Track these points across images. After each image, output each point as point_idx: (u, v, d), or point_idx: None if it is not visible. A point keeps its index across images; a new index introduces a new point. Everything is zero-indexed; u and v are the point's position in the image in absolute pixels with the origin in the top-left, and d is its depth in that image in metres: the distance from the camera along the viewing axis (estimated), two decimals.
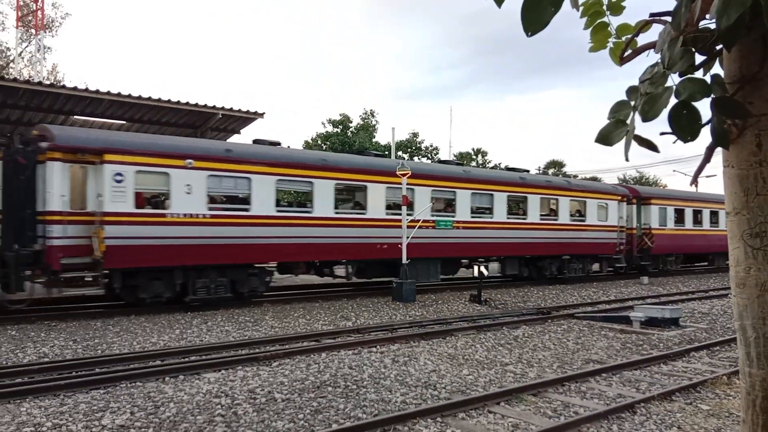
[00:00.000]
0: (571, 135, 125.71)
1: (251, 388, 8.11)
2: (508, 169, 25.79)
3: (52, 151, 13.14)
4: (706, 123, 1.96)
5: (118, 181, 13.61)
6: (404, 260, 17.45)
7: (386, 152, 36.40)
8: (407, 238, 17.56)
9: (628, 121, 1.97)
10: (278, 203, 16.65)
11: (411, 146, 44.20)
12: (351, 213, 18.15)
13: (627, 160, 2.01)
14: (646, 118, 1.91)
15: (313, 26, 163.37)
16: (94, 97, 17.78)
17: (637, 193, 28.43)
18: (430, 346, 11.34)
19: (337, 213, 17.46)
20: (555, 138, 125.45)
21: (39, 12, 37.53)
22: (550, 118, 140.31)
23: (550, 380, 8.72)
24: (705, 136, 2.03)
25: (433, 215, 19.62)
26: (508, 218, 21.97)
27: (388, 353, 10.54)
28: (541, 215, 23.35)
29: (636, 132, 1.98)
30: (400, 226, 17.96)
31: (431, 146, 45.20)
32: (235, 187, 15.63)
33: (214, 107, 19.76)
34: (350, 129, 41.63)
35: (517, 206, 22.69)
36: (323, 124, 42.99)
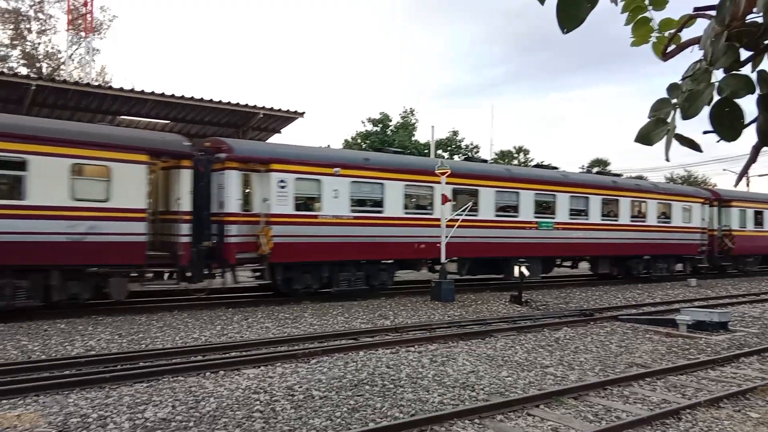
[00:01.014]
0: (615, 132, 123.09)
1: (289, 384, 8.19)
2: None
3: (230, 161, 15.17)
4: (752, 121, 1.87)
5: (282, 187, 15.61)
6: (443, 259, 17.36)
7: (426, 150, 36.32)
8: (446, 237, 17.47)
9: (669, 120, 1.90)
10: (405, 206, 18.34)
11: (451, 144, 43.99)
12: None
13: (667, 160, 1.94)
14: (686, 115, 1.83)
15: (354, 25, 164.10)
16: (139, 97, 18.27)
17: (718, 195, 29.23)
18: (469, 346, 11.26)
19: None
20: (599, 135, 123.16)
21: (88, 15, 38.74)
22: (594, 116, 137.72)
23: (591, 383, 8.55)
24: (752, 135, 1.95)
25: (535, 217, 21.11)
26: (602, 220, 23.43)
27: (426, 353, 10.50)
28: (631, 217, 24.65)
29: (678, 131, 1.90)
30: (507, 227, 20.30)
31: (471, 144, 44.91)
32: (371, 192, 17.61)
33: (255, 107, 20.05)
34: (390, 128, 41.66)
35: (609, 209, 24.07)
36: (363, 122, 43.17)
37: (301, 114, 21.30)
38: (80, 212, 13.00)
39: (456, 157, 42.75)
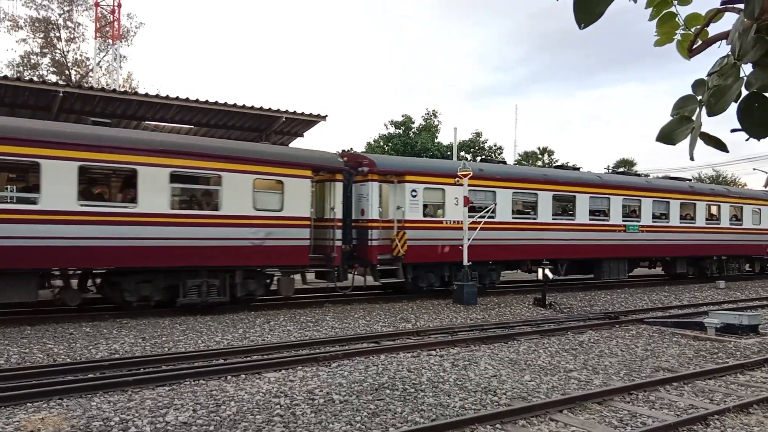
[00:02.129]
0: (642, 132, 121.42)
1: (310, 388, 8.16)
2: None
3: (372, 174, 17.21)
4: None
5: (414, 196, 17.60)
6: (465, 262, 17.23)
7: (449, 153, 36.16)
8: (468, 240, 17.35)
9: (694, 117, 1.81)
10: (513, 211, 19.95)
11: (474, 146, 43.71)
12: (564, 219, 21.25)
13: (692, 159, 1.85)
14: (712, 111, 1.74)
15: (377, 28, 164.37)
16: (164, 102, 18.43)
17: None
18: (491, 350, 11.14)
19: (555, 219, 20.74)
20: (625, 135, 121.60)
21: (116, 23, 39.34)
22: (620, 115, 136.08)
23: (616, 388, 8.38)
24: None
25: (623, 220, 22.69)
26: (680, 222, 24.94)
27: (448, 357, 10.41)
28: (706, 220, 26.14)
29: (703, 129, 1.82)
30: (599, 230, 21.94)
31: (495, 146, 44.59)
32: (484, 199, 19.09)
33: (278, 111, 20.11)
34: (412, 130, 41.56)
35: (686, 212, 25.47)
36: (386, 125, 43.12)
37: (324, 117, 21.31)
38: (261, 220, 15.01)
39: (478, 159, 42.51)
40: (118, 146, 13.30)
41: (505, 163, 26.46)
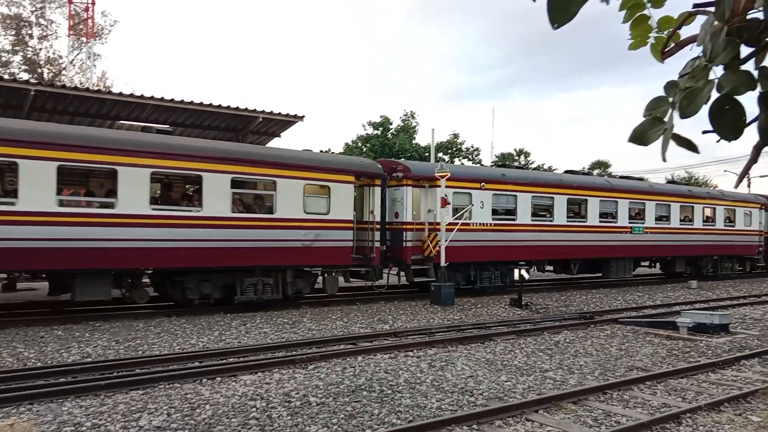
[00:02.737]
0: (617, 134, 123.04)
1: (286, 391, 8.10)
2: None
3: (406, 179, 18.33)
4: (753, 120, 1.80)
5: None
6: (443, 263, 17.28)
7: (427, 154, 36.26)
8: (446, 240, 17.42)
9: (666, 119, 1.82)
10: (532, 214, 21.11)
11: (451, 147, 43.91)
12: (577, 221, 22.49)
13: (664, 160, 1.86)
14: (685, 114, 1.75)
15: (354, 30, 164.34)
16: (138, 102, 18.20)
17: None
18: (468, 351, 11.17)
19: (568, 221, 22.07)
20: (601, 137, 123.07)
21: (89, 21, 38.73)
22: (596, 117, 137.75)
23: (591, 388, 8.46)
24: (753, 135, 1.87)
25: (630, 222, 24.15)
26: (680, 224, 26.54)
27: (425, 357, 10.42)
28: (703, 222, 27.76)
29: (675, 131, 1.83)
30: (609, 231, 23.28)
31: (472, 147, 44.84)
32: (506, 203, 20.29)
33: (254, 111, 19.99)
34: (390, 131, 41.59)
35: (684, 214, 27.02)
36: (363, 126, 43.11)
37: (301, 118, 21.23)
38: (310, 223, 16.02)
39: (456, 160, 42.71)
40: (185, 154, 14.28)
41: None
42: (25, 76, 37.17)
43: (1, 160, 12.46)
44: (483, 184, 19.32)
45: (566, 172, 25.24)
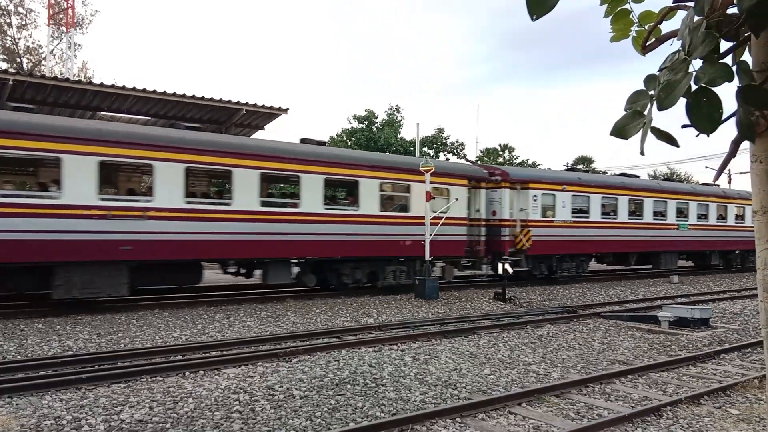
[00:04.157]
0: (601, 129, 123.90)
1: (270, 384, 8.08)
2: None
3: (504, 182, 21.27)
4: (731, 115, 1.81)
5: (534, 200, 21.60)
6: (427, 257, 17.33)
7: (412, 148, 36.26)
8: (430, 235, 17.50)
9: (646, 113, 1.83)
10: (602, 213, 24.15)
11: (436, 142, 43.90)
12: (635, 219, 25.69)
13: (642, 153, 1.86)
14: (662, 106, 1.76)
15: (339, 21, 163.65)
16: (120, 93, 17.99)
17: None
18: (452, 344, 11.21)
19: (630, 219, 25.28)
20: (586, 133, 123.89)
21: (70, 10, 38.17)
22: (579, 113, 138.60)
23: (573, 381, 8.53)
24: (731, 130, 1.88)
25: (676, 220, 27.43)
26: (716, 222, 29.81)
27: (409, 351, 10.44)
28: (735, 219, 30.80)
29: (658, 125, 1.83)
30: (660, 228, 26.53)
31: (457, 142, 44.87)
32: (581, 203, 23.37)
33: (237, 103, 19.86)
34: (375, 125, 41.50)
35: (719, 213, 30.07)
36: (348, 120, 42.96)
37: (285, 110, 21.12)
38: (436, 220, 18.32)
39: (441, 155, 42.75)
40: (347, 163, 17.36)
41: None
42: (3, 65, 36.60)
43: (217, 169, 15.41)
44: (564, 186, 22.45)
45: (620, 174, 28.56)
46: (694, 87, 1.74)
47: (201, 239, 14.47)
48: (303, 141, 17.43)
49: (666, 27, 2.23)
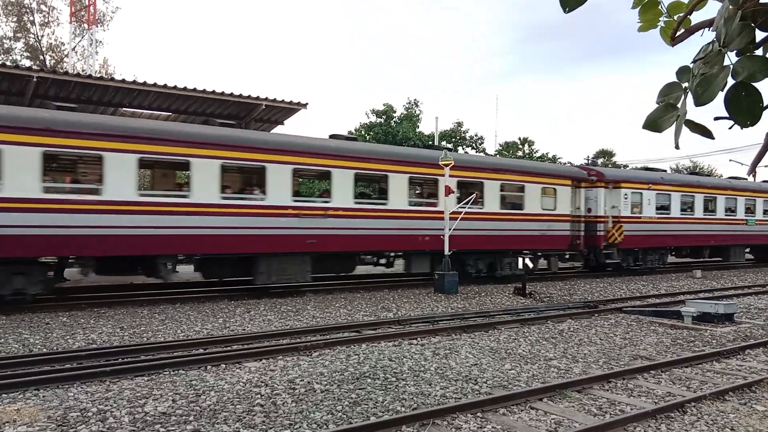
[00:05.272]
0: (621, 122, 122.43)
1: (291, 378, 8.13)
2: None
3: (600, 182, 23.27)
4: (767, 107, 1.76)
5: (625, 198, 23.70)
6: (446, 251, 17.27)
7: (430, 142, 36.15)
8: (449, 229, 17.41)
9: (679, 105, 1.79)
10: (681, 209, 26.28)
11: (455, 136, 43.74)
12: (709, 215, 27.59)
13: (677, 147, 1.83)
14: (700, 101, 1.72)
15: (358, 17, 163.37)
16: (141, 89, 18.13)
17: None
18: (472, 339, 11.18)
19: (705, 215, 27.30)
20: (605, 126, 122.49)
21: (91, 7, 38.54)
22: (600, 106, 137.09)
23: (595, 376, 8.46)
24: (764, 122, 1.83)
25: (745, 215, 29.76)
26: (764, 216, 31.42)
27: (429, 345, 10.43)
28: None
29: (688, 117, 1.80)
30: (731, 223, 28.67)
31: (476, 136, 44.65)
32: (664, 200, 25.42)
33: (257, 98, 19.89)
34: (393, 119, 41.44)
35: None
36: (367, 114, 42.96)
37: (305, 105, 21.13)
38: (546, 217, 21.12)
39: (460, 149, 42.57)
40: (468, 166, 19.46)
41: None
42: (27, 63, 37.12)
43: (377, 175, 17.64)
44: (650, 185, 24.53)
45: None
46: (731, 81, 1.69)
47: (364, 234, 16.90)
48: (431, 148, 20.35)
49: (696, 18, 2.18)
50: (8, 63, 24.32)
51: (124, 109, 19.94)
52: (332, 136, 18.12)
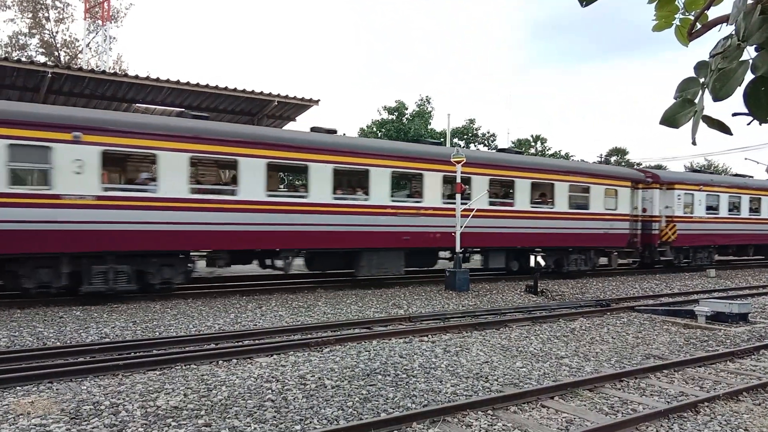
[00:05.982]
0: (634, 120, 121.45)
1: (302, 373, 8.15)
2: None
3: (655, 184, 24.45)
4: None
5: (678, 199, 24.80)
6: (458, 249, 17.24)
7: (442, 139, 36.07)
8: (461, 227, 17.36)
9: (697, 101, 1.76)
10: (729, 209, 27.50)
11: (467, 133, 43.64)
12: (754, 215, 28.90)
13: (694, 143, 1.80)
14: (718, 96, 1.69)
15: (369, 13, 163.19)
16: (154, 85, 18.23)
17: None
18: (483, 336, 11.15)
19: (750, 215, 28.58)
20: (617, 123, 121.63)
21: (105, 3, 38.80)
22: (612, 103, 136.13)
23: (607, 375, 8.41)
24: None
25: None
26: None
27: (440, 343, 10.42)
28: None
29: (705, 112, 1.77)
30: (758, 223, 29.08)
31: (488, 133, 44.51)
32: (713, 201, 26.52)
33: (270, 94, 19.95)
34: (405, 116, 41.39)
35: None
36: (379, 111, 42.93)
37: (316, 102, 21.16)
38: (607, 216, 22.29)
39: (472, 146, 42.45)
40: (542, 169, 20.99)
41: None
42: (41, 59, 37.39)
43: (453, 176, 17.66)
44: (701, 186, 25.71)
45: (734, 175, 31.35)
46: (750, 76, 1.66)
47: (449, 232, 17.73)
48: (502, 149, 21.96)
49: (713, 13, 2.15)
50: (23, 59, 24.54)
51: (137, 105, 20.06)
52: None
